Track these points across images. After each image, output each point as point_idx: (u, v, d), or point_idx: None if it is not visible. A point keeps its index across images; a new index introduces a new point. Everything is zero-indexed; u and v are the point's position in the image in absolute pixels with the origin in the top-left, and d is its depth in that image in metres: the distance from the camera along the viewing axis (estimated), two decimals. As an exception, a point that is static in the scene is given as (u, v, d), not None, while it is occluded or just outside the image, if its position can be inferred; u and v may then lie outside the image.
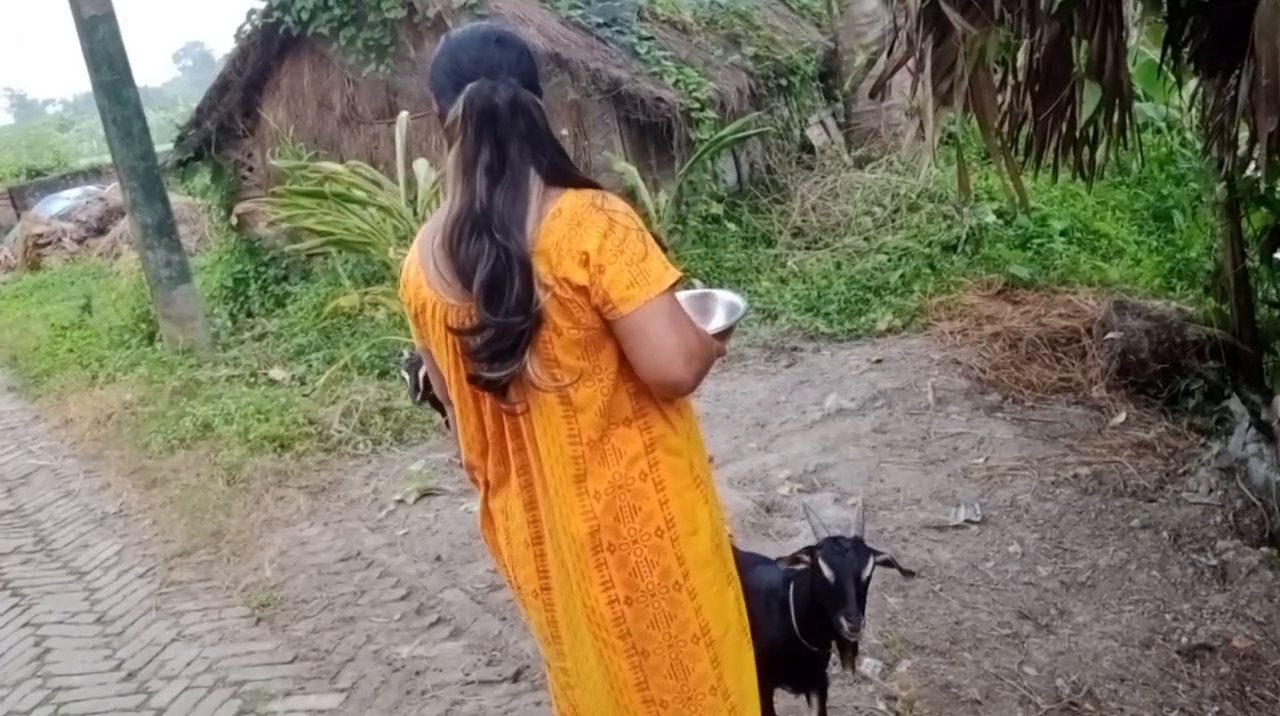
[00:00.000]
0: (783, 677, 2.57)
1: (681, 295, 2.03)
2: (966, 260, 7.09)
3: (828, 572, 2.29)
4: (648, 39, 8.58)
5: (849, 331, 6.43)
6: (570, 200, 1.78)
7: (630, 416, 1.89)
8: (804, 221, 8.30)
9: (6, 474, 6.69)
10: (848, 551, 2.31)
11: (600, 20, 8.66)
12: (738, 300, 2.19)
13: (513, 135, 1.78)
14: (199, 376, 7.63)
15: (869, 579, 2.31)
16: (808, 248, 7.99)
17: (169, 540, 5.12)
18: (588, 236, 1.75)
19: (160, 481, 5.90)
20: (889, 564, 2.42)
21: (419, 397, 4.99)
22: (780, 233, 8.25)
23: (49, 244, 17.20)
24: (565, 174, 1.82)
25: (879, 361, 5.84)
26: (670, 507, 1.92)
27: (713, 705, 1.97)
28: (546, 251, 1.76)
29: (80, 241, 17.15)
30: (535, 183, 1.79)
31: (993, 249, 7.14)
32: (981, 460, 4.55)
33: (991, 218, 7.44)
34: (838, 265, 7.46)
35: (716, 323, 2.13)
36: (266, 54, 9.68)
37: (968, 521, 4.05)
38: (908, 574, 2.60)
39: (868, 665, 3.22)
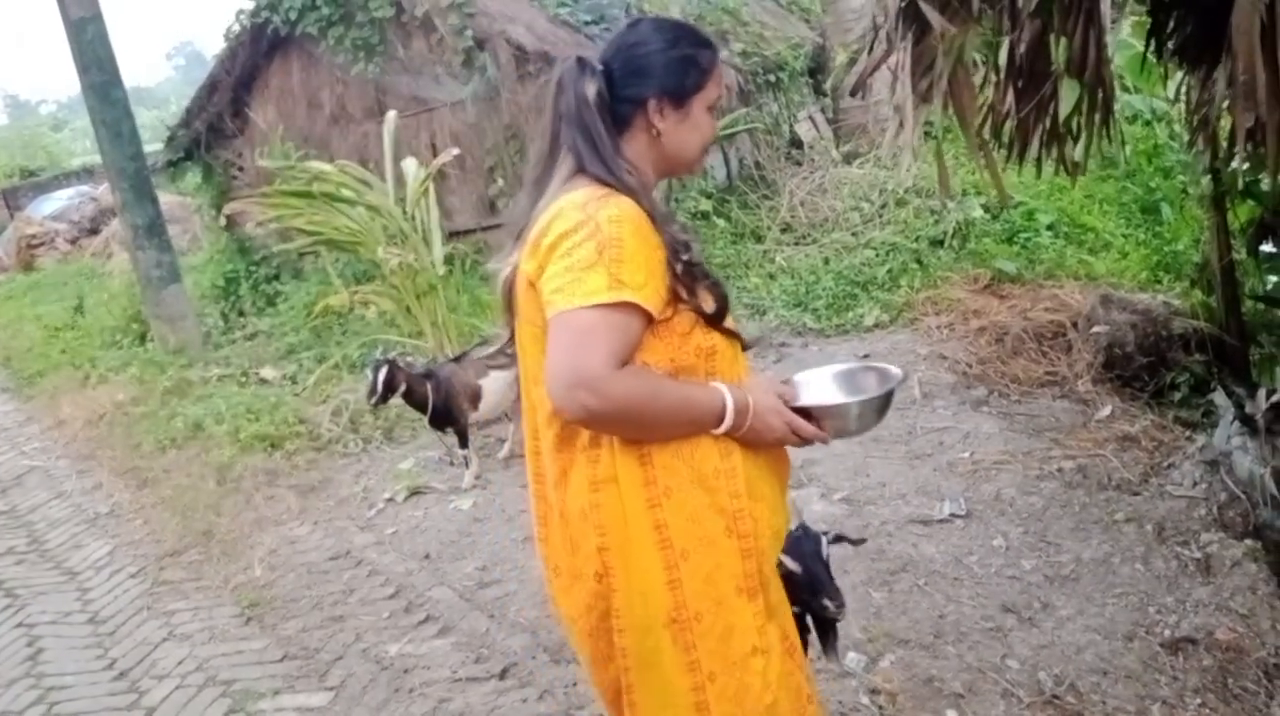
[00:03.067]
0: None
1: (837, 368, 2.03)
2: (953, 255, 7.11)
3: (792, 565, 2.25)
4: (636, 36, 8.57)
5: (837, 327, 6.45)
6: (572, 194, 1.75)
7: (585, 444, 1.76)
8: (793, 217, 8.31)
9: (0, 475, 6.69)
10: (799, 539, 2.30)
11: (588, 18, 8.67)
12: (894, 374, 1.98)
13: (564, 116, 1.82)
14: (190, 376, 7.64)
15: (829, 557, 2.33)
16: (796, 243, 8.00)
17: (160, 540, 5.13)
18: (552, 231, 1.70)
19: (152, 481, 5.91)
20: (839, 539, 2.43)
21: (375, 400, 5.02)
22: (769, 228, 8.26)
23: (42, 244, 17.19)
24: (588, 166, 1.78)
25: (866, 356, 5.84)
26: (609, 558, 1.75)
27: None
28: (529, 240, 1.77)
29: (73, 241, 17.15)
30: (563, 169, 1.82)
31: (979, 243, 7.16)
32: (967, 454, 4.57)
33: (978, 212, 7.46)
34: (826, 261, 7.48)
35: (818, 397, 1.96)
36: (255, 54, 9.69)
37: (952, 515, 4.07)
38: (858, 542, 2.61)
39: (851, 659, 3.24)
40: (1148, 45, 3.67)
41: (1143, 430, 4.58)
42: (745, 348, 1.90)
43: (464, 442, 5.21)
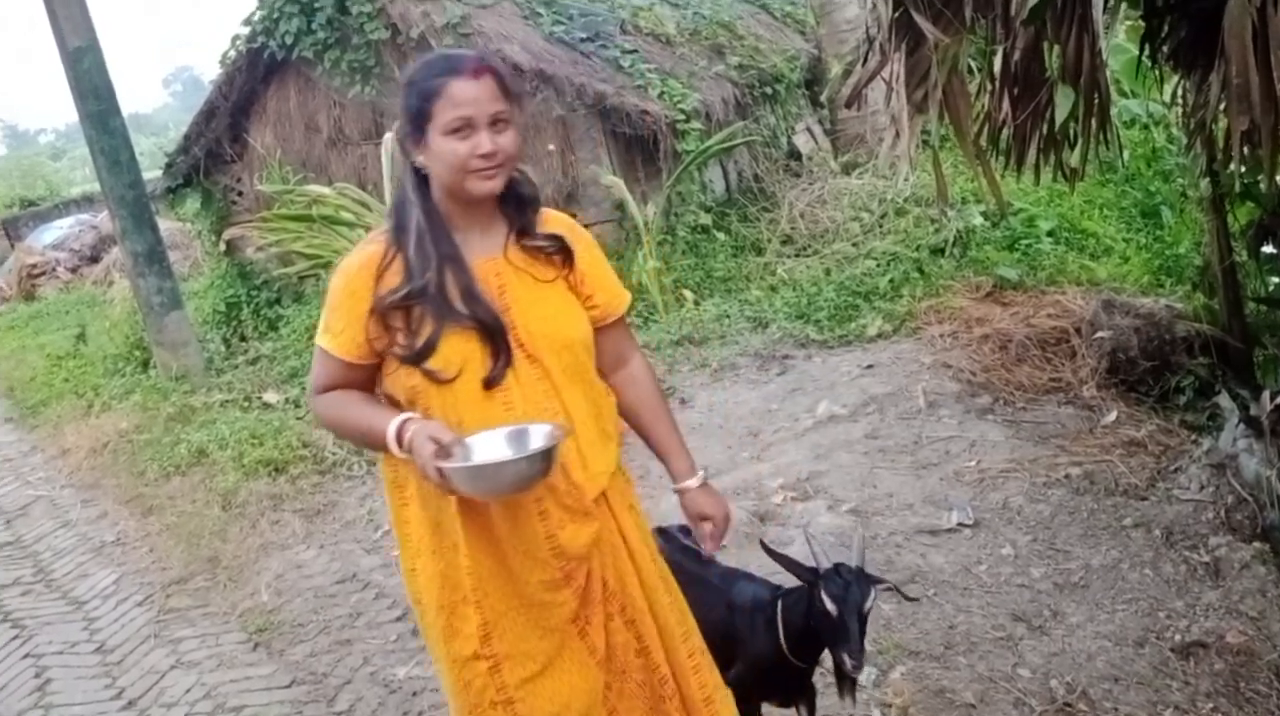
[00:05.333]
0: (770, 691, 2.57)
1: (500, 432, 1.96)
2: (955, 263, 7.12)
3: (830, 606, 2.25)
4: (631, 52, 8.62)
5: (840, 337, 6.44)
6: None
7: None
8: (793, 229, 8.33)
9: (5, 506, 6.68)
10: (850, 584, 2.27)
11: (584, 35, 8.71)
12: (549, 434, 1.94)
13: None
14: (193, 402, 7.63)
15: (870, 610, 2.29)
16: (797, 255, 8.01)
17: (166, 567, 5.12)
18: None
19: (157, 508, 5.91)
20: (893, 590, 2.41)
21: None
22: (769, 240, 8.28)
23: (43, 274, 17.20)
24: None
25: (870, 367, 5.85)
26: (395, 532, 2.18)
27: None
28: None
29: (74, 270, 17.14)
30: None
31: (980, 251, 7.17)
32: (973, 463, 4.56)
33: (979, 220, 7.47)
34: (827, 271, 7.49)
35: (483, 452, 1.94)
36: (252, 79, 9.71)
37: (960, 525, 4.06)
38: (910, 600, 2.58)
39: (861, 673, 3.22)
40: (1142, 50, 3.67)
41: (1148, 435, 4.57)
42: (487, 384, 1.97)
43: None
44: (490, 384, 1.97)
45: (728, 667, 2.54)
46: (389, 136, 7.16)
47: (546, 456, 1.89)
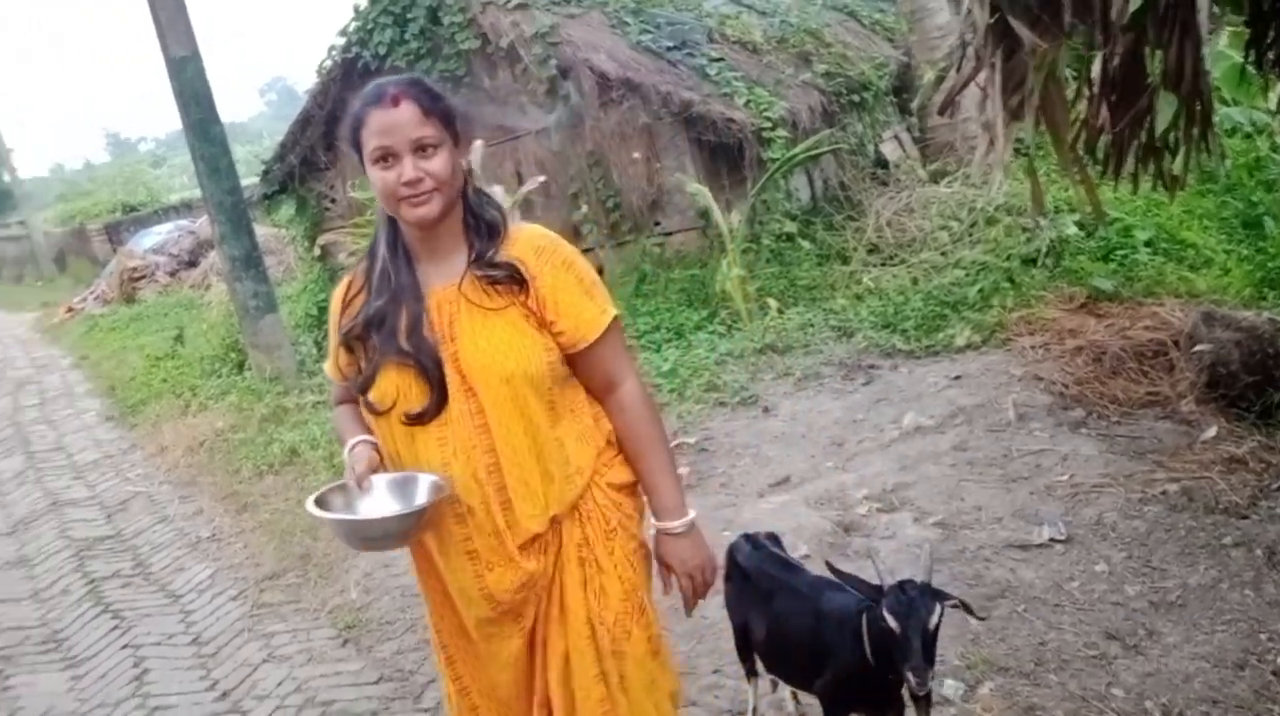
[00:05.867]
0: (856, 704, 2.55)
1: (387, 478, 2.03)
2: (1047, 273, 6.97)
3: (893, 623, 2.22)
4: (718, 60, 8.62)
5: (927, 348, 6.36)
6: None
7: None
8: (879, 238, 8.24)
9: (106, 501, 6.93)
10: (914, 600, 2.23)
11: (670, 44, 8.74)
12: (430, 487, 1.98)
13: None
14: (286, 403, 7.83)
15: (938, 626, 2.25)
16: (883, 264, 7.93)
17: (259, 563, 5.26)
18: None
19: (251, 506, 6.07)
20: (960, 607, 2.36)
21: None
22: (855, 249, 8.20)
23: (143, 277, 17.78)
24: None
25: (958, 378, 5.76)
26: None
27: None
28: None
29: (173, 274, 17.70)
30: None
31: (1074, 261, 7.01)
32: (1065, 477, 4.46)
33: (1073, 229, 7.30)
34: (914, 281, 7.39)
35: (371, 503, 2.02)
36: (346, 88, 9.91)
37: (1052, 540, 3.97)
38: (979, 618, 2.52)
39: (949, 687, 3.18)
40: (1246, 56, 3.57)
41: (1250, 451, 4.41)
42: (411, 420, 1.98)
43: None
44: (414, 420, 1.98)
45: (816, 677, 2.54)
46: (478, 143, 7.27)
47: (415, 516, 1.91)
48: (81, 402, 10.55)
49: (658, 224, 8.85)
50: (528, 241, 2.01)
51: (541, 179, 7.42)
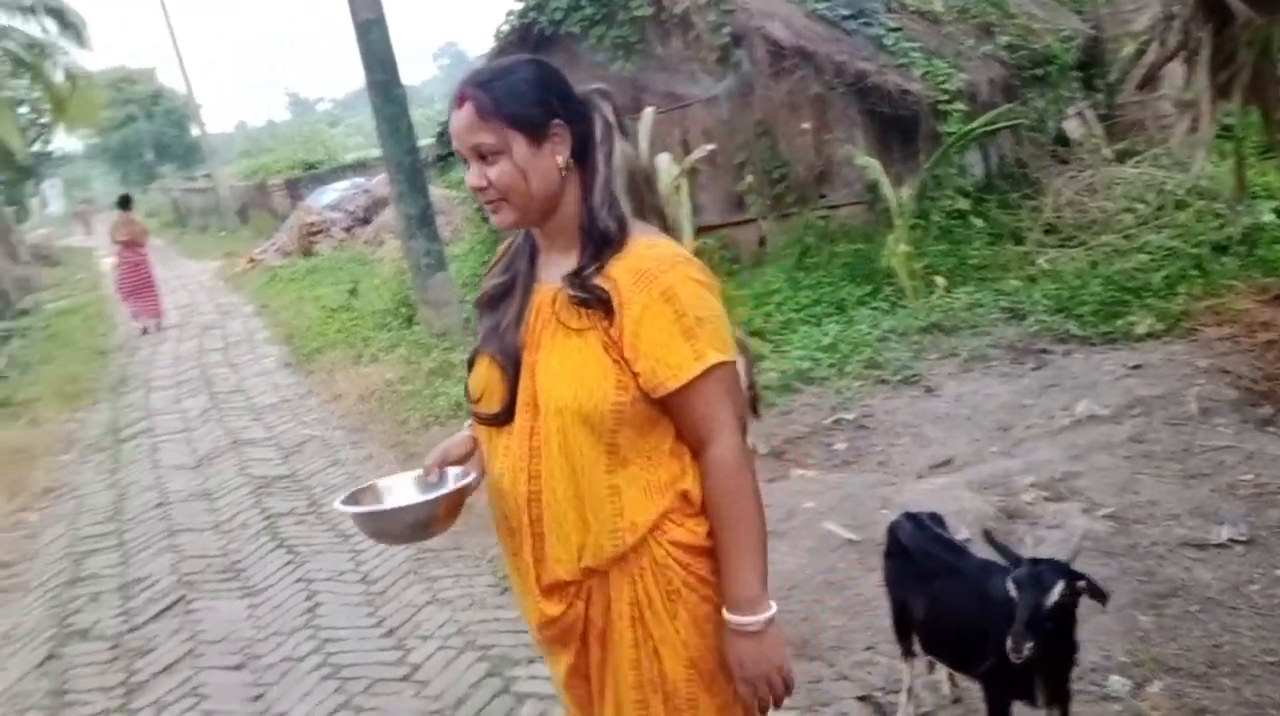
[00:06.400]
0: (1020, 690, 2.49)
1: (413, 475, 1.99)
2: (1239, 262, 6.57)
3: (1012, 591, 2.26)
4: (895, 30, 8.42)
5: (1103, 334, 6.09)
6: None
7: None
8: (1057, 218, 7.92)
9: (283, 442, 7.32)
10: (1039, 573, 2.26)
11: (847, 12, 8.59)
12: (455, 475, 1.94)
13: None
14: (452, 358, 8.08)
15: (1056, 604, 2.24)
16: (1060, 245, 7.62)
17: (424, 510, 5.45)
18: None
19: (416, 455, 6.27)
20: (1086, 590, 2.29)
21: None
22: (1030, 229, 7.91)
23: (320, 232, 18.60)
24: None
25: (1137, 367, 5.51)
26: None
27: None
28: None
29: (347, 230, 18.46)
30: None
31: (1270, 250, 6.58)
32: (1250, 476, 4.22)
33: (1270, 216, 6.86)
34: (1093, 264, 7.08)
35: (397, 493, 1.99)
36: (520, 53, 10.09)
37: (1231, 541, 3.77)
38: (1102, 601, 2.42)
39: (1115, 683, 3.07)
40: None
41: None
42: (481, 419, 1.87)
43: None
44: (485, 421, 1.86)
45: (978, 661, 2.49)
46: (649, 110, 7.30)
47: (425, 507, 1.84)
48: (261, 348, 11.16)
49: (823, 196, 8.74)
50: (636, 260, 1.72)
51: (710, 148, 7.38)
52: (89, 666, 4.50)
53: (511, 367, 1.80)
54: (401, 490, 1.94)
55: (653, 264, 1.70)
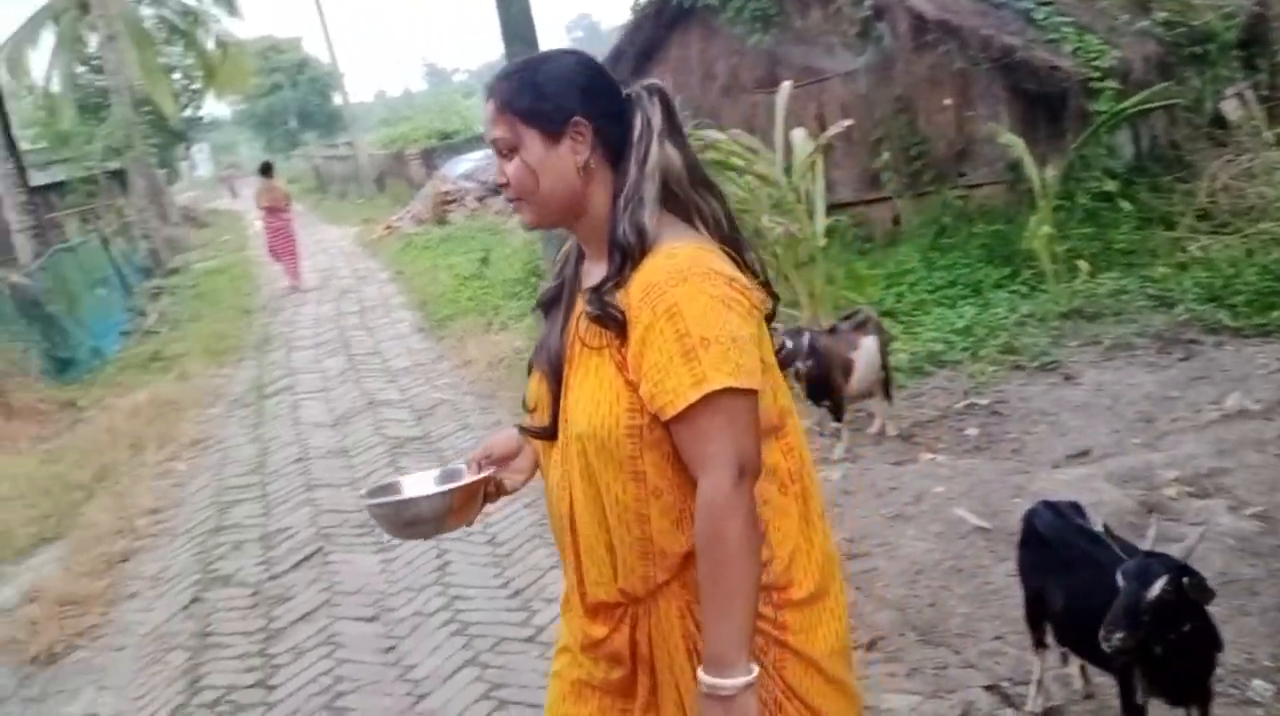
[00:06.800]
0: (1158, 686, 2.41)
1: (435, 472, 1.96)
2: (1407, 253, 6.18)
3: (1119, 582, 2.27)
4: (1046, 4, 8.14)
5: (1258, 326, 5.80)
6: None
7: None
8: (1212, 203, 7.55)
9: (416, 404, 7.53)
10: (1147, 567, 2.27)
11: (995, -14, 8.31)
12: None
13: None
14: (580, 328, 8.16)
15: (1158, 598, 2.21)
16: (1214, 232, 7.26)
17: (550, 477, 5.54)
18: None
19: (543, 423, 6.39)
20: (1192, 588, 2.23)
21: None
22: (1183, 214, 7.56)
23: (454, 201, 18.97)
24: None
25: None
26: None
27: None
28: None
29: (481, 199, 18.77)
30: None
31: None
32: None
33: None
34: (1249, 252, 6.73)
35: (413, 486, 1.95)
36: (658, 25, 10.13)
37: (1391, 547, 3.57)
38: (1207, 598, 2.32)
39: (1257, 687, 2.95)
40: None
41: None
42: (531, 433, 1.81)
43: (839, 416, 5.21)
44: (534, 434, 1.80)
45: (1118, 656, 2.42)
46: (786, 84, 7.22)
47: (437, 498, 1.82)
48: (396, 313, 11.49)
49: (962, 175, 8.52)
50: (650, 272, 1.57)
51: (847, 123, 7.28)
52: (231, 611, 4.73)
53: (554, 382, 1.71)
54: (422, 486, 1.93)
55: (663, 277, 1.55)
